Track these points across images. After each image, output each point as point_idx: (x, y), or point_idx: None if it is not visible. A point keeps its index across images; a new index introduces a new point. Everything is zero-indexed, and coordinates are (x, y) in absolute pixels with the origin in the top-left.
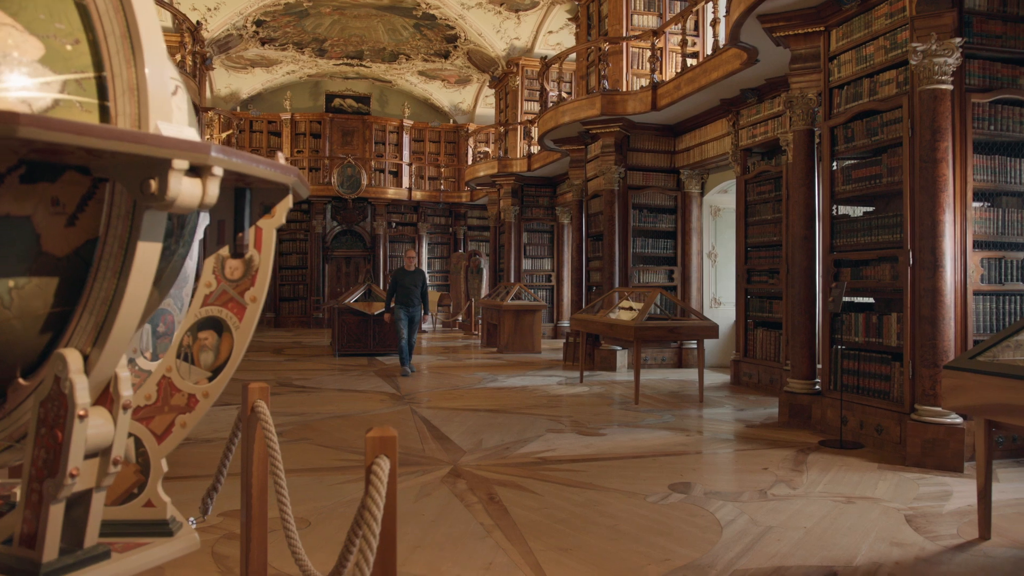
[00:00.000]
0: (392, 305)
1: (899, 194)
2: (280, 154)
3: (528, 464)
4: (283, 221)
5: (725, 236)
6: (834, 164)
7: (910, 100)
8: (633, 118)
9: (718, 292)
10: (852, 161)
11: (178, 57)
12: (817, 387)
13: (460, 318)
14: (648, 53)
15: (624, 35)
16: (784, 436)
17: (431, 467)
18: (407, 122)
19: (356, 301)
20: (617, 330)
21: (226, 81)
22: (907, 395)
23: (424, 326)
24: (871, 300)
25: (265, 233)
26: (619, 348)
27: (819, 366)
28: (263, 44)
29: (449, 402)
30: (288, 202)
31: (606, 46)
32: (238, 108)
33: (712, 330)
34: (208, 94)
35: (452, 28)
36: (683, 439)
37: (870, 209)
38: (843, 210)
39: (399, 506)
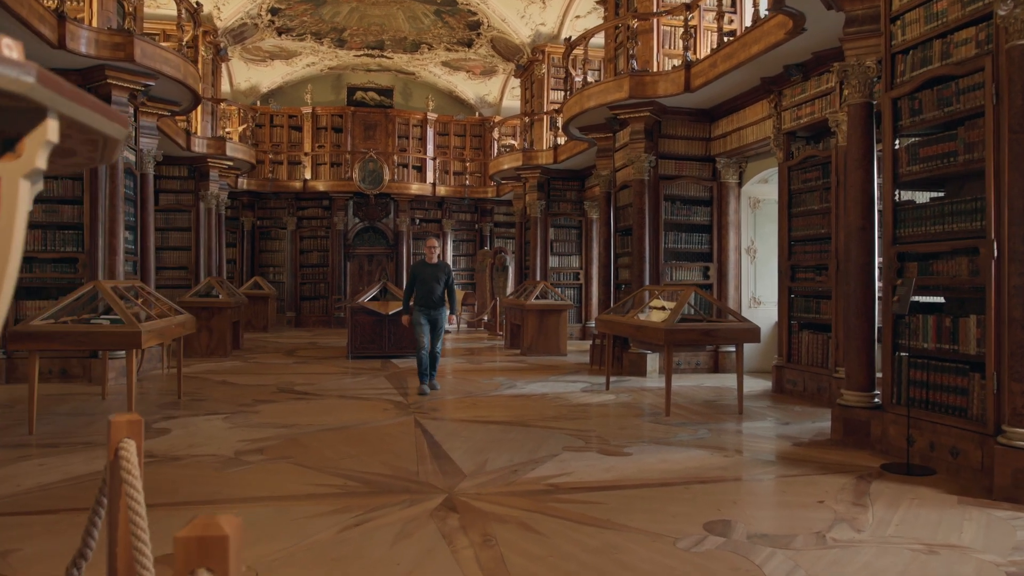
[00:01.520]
0: (411, 305)
1: (979, 174)
2: (5, 40)
3: (537, 493)
4: (40, 165)
5: (765, 230)
6: (896, 142)
7: (994, 61)
8: (664, 101)
9: (757, 291)
10: (919, 138)
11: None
12: (877, 400)
13: (485, 318)
14: (680, 31)
15: (655, 11)
16: (839, 458)
17: (421, 496)
18: (431, 115)
19: (371, 300)
20: (646, 332)
21: (245, 75)
22: (991, 413)
23: (448, 326)
24: (941, 300)
25: (5, 184)
26: (649, 352)
27: (878, 375)
28: (280, 34)
29: (459, 412)
30: (47, 132)
31: (635, 23)
32: (258, 102)
33: (752, 333)
34: (227, 87)
35: (474, 14)
36: (720, 460)
37: (939, 194)
38: (907, 196)
39: (369, 551)
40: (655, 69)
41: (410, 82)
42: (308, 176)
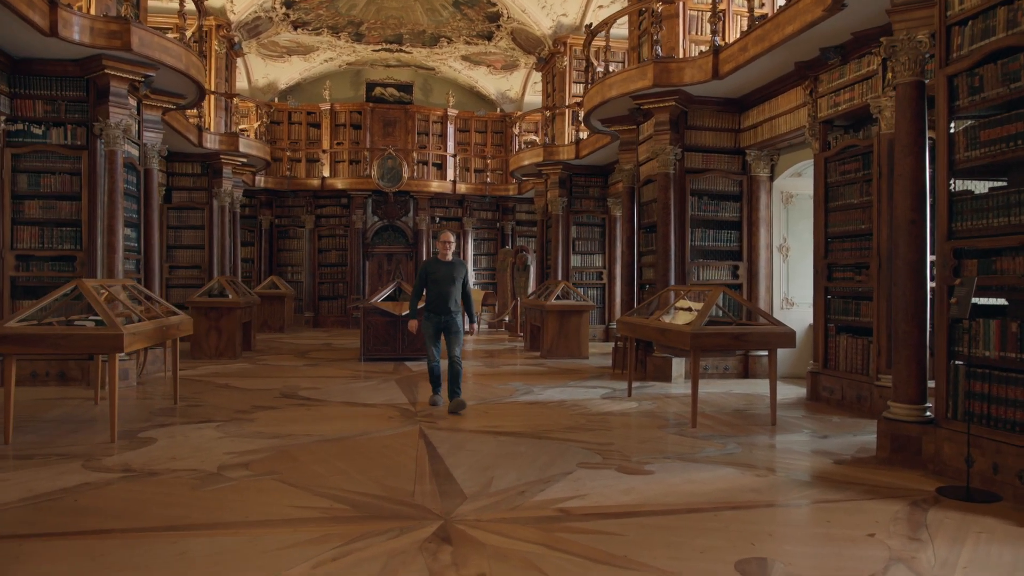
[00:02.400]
0: (419, 307)
1: None
2: None
3: (545, 521)
4: None
5: (799, 226)
6: (952, 125)
7: None
8: (691, 89)
9: (790, 291)
10: (978, 119)
11: (188, 32)
12: (929, 414)
13: (506, 319)
14: (708, 14)
15: None
16: (887, 479)
17: (413, 522)
18: (451, 111)
19: (384, 300)
20: (670, 336)
21: (263, 71)
22: None
23: (467, 328)
24: (1003, 302)
25: None
26: (674, 356)
27: (930, 384)
28: (295, 28)
29: (469, 421)
30: None
31: (659, 6)
32: (276, 99)
33: (787, 337)
34: (245, 84)
35: (494, 5)
36: (752, 481)
37: (1001, 183)
38: (963, 185)
39: None
40: (681, 56)
41: (430, 77)
42: (326, 174)
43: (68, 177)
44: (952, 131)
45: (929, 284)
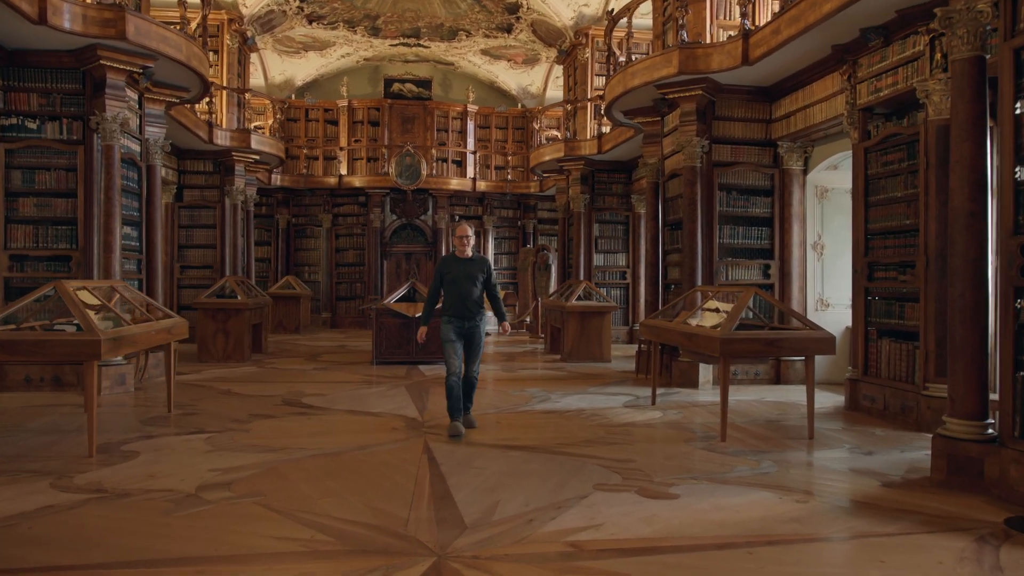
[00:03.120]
0: (431, 312)
1: None
2: None
3: (553, 558)
4: None
5: (834, 223)
6: (1018, 105)
7: None
8: (719, 77)
9: (825, 292)
10: None
11: (193, 24)
12: (992, 432)
13: (527, 320)
14: None
15: None
16: (945, 506)
17: (403, 559)
18: (471, 107)
19: (398, 302)
20: (698, 342)
21: (280, 68)
22: None
23: (488, 328)
24: None
25: None
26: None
27: (992, 397)
28: (310, 22)
29: (478, 433)
30: None
31: None
32: (293, 96)
33: (826, 343)
34: (262, 81)
35: None
36: (791, 508)
37: None
38: None
39: None
40: (708, 41)
41: (449, 73)
42: (344, 172)
43: (64, 173)
44: (1018, 112)
45: (992, 284)
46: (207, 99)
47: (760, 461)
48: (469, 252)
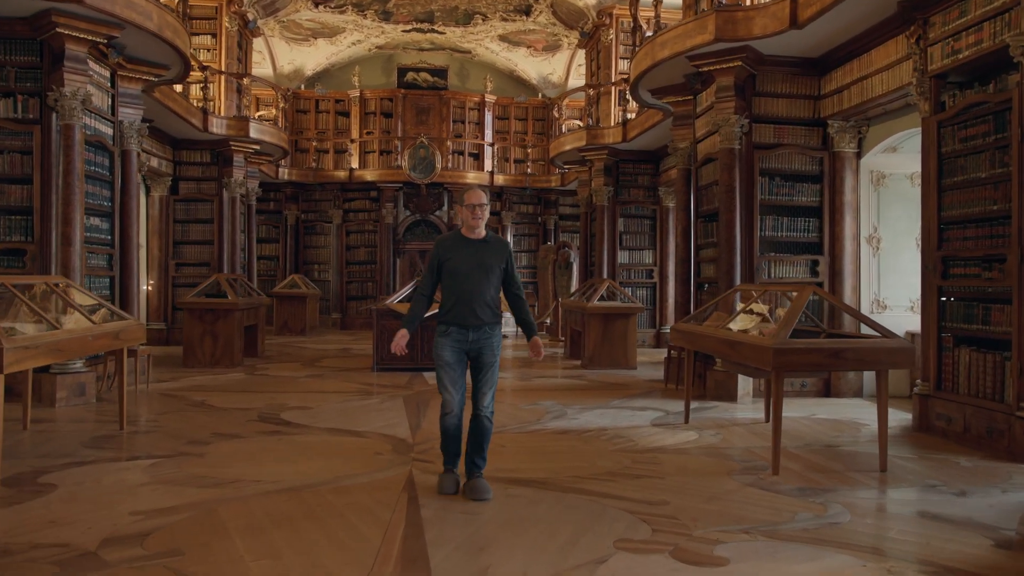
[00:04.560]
0: (420, 313)
1: None
2: None
3: None
4: None
5: (892, 213)
6: None
7: None
8: (761, 45)
9: (881, 292)
10: None
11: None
12: None
13: (547, 321)
14: None
15: None
16: None
17: None
18: (489, 97)
19: (400, 302)
20: (744, 351)
21: (288, 56)
22: None
23: (505, 329)
24: None
25: None
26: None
27: None
28: (316, 5)
29: None
30: None
31: None
32: (303, 86)
33: (904, 355)
34: (270, 71)
35: None
36: None
37: None
38: None
39: None
40: (748, 3)
41: (466, 61)
42: (355, 165)
43: (19, 156)
44: None
45: None
46: (201, 84)
47: (826, 505)
48: (482, 231)
